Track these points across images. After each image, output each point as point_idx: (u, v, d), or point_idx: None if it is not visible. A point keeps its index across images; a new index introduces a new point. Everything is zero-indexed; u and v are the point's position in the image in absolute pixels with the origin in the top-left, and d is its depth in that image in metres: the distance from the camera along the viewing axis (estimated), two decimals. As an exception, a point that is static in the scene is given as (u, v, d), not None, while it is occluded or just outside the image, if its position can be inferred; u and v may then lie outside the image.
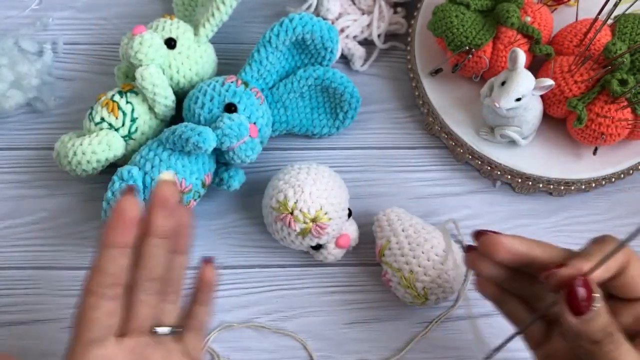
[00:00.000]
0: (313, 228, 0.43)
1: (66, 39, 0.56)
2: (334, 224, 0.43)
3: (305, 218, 0.43)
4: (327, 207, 0.43)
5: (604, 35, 0.48)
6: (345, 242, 0.45)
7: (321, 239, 0.44)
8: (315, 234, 0.43)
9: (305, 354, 0.46)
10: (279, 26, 0.47)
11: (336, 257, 0.46)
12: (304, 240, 0.44)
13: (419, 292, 0.43)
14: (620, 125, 0.46)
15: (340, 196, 0.44)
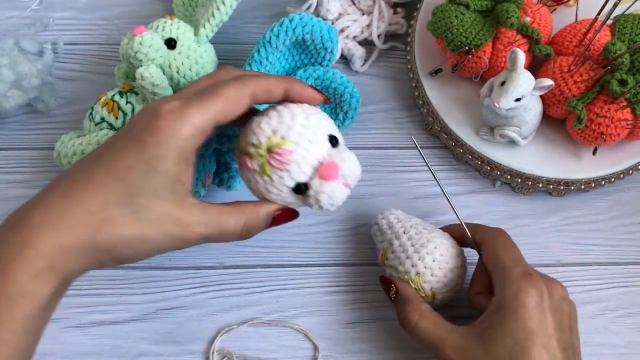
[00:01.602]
0: (270, 158, 0.34)
1: (66, 39, 0.56)
2: (301, 150, 0.34)
3: (257, 150, 0.34)
4: (283, 130, 0.34)
5: (604, 35, 0.48)
6: (332, 171, 0.34)
7: (291, 172, 0.34)
8: (276, 165, 0.34)
9: (307, 353, 0.46)
10: (279, 26, 0.47)
11: (331, 196, 0.35)
12: (275, 183, 0.35)
13: (426, 293, 0.42)
14: (619, 125, 0.46)
15: (311, 119, 0.35)
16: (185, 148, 0.32)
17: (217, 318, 0.46)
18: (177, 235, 0.33)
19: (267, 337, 0.46)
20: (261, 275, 0.48)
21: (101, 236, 0.31)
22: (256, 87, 0.34)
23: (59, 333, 0.46)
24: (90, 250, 0.31)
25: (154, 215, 0.32)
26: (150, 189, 0.32)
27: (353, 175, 0.36)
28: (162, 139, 0.32)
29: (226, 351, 0.45)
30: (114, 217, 0.31)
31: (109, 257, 0.32)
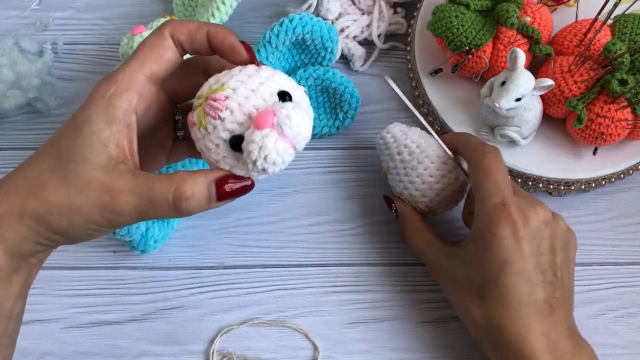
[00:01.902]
0: (206, 107, 0.31)
1: (66, 39, 0.56)
2: (238, 97, 0.31)
3: (198, 100, 0.32)
4: (225, 79, 0.32)
5: (604, 35, 0.48)
6: (265, 118, 0.30)
7: (225, 121, 0.31)
8: (209, 112, 0.31)
9: (307, 353, 0.46)
10: (279, 26, 0.47)
11: (263, 147, 0.30)
12: (211, 135, 0.31)
13: (423, 210, 0.45)
14: (620, 125, 0.46)
15: (261, 73, 0.32)
16: (113, 106, 0.30)
17: (217, 318, 0.46)
18: (105, 204, 0.30)
19: (267, 337, 0.46)
20: (261, 275, 0.48)
21: (31, 202, 0.30)
22: (174, 28, 0.32)
23: (58, 333, 0.46)
24: (24, 217, 0.30)
25: (82, 182, 0.30)
26: (79, 153, 0.30)
27: (294, 128, 0.30)
28: (89, 101, 0.31)
29: (226, 351, 0.45)
30: (45, 183, 0.30)
31: (44, 226, 0.30)
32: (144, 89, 0.31)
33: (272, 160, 0.30)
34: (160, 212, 0.30)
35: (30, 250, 0.31)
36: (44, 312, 0.46)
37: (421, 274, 0.48)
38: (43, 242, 0.31)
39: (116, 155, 0.30)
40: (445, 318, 0.46)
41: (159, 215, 0.31)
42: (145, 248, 0.45)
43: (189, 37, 0.32)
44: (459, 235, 0.49)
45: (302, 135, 0.31)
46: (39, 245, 0.31)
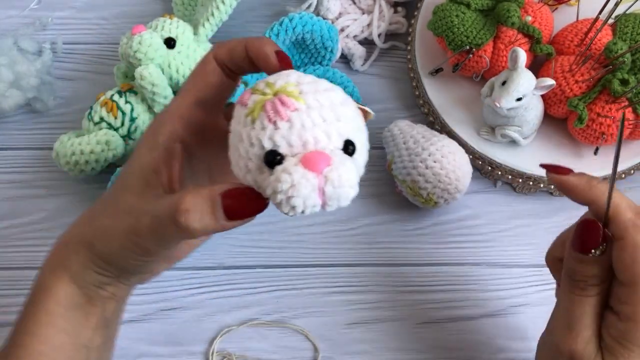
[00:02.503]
0: (269, 103, 0.27)
1: (65, 38, 0.56)
2: (307, 118, 0.26)
3: (266, 88, 0.27)
4: (306, 88, 0.27)
5: (605, 34, 0.47)
6: (318, 161, 0.26)
7: (278, 130, 0.26)
8: (269, 110, 0.26)
9: (307, 354, 0.45)
10: (279, 26, 0.47)
11: (294, 187, 0.26)
12: (253, 133, 0.27)
13: (425, 198, 0.45)
14: (621, 125, 0.45)
15: (345, 108, 0.28)
16: (157, 133, 0.30)
17: (217, 319, 0.46)
18: (130, 227, 0.29)
19: (267, 337, 0.46)
20: (261, 276, 0.48)
21: (84, 228, 0.31)
22: (216, 50, 0.31)
23: (57, 334, 0.45)
24: (81, 243, 0.31)
25: (120, 206, 0.30)
26: (125, 180, 0.31)
27: (336, 191, 0.26)
28: (144, 134, 0.32)
29: (226, 352, 0.45)
30: (96, 211, 0.32)
31: (93, 252, 0.31)
32: (190, 115, 0.31)
33: (294, 205, 0.26)
34: (166, 230, 0.28)
35: (94, 280, 0.32)
36: (43, 313, 0.46)
37: (421, 275, 0.48)
38: (98, 270, 0.31)
39: (152, 180, 0.30)
40: (445, 319, 0.46)
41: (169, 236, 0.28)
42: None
43: (229, 54, 0.31)
44: (460, 236, 0.49)
45: (340, 202, 0.27)
46: (99, 275, 0.32)
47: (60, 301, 0.31)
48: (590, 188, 0.32)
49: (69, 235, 0.32)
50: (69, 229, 0.33)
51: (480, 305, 0.46)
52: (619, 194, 0.31)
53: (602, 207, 0.31)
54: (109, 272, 0.32)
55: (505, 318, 0.46)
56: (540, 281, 0.47)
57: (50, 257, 0.33)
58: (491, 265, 0.48)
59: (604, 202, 0.30)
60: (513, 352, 0.45)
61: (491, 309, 0.46)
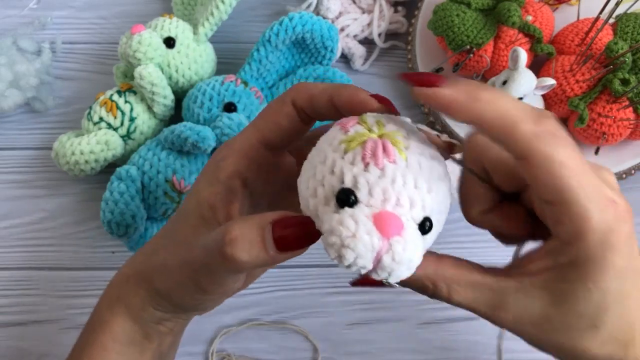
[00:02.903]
0: (371, 141, 0.24)
1: (65, 38, 0.56)
2: (399, 176, 0.24)
3: (375, 125, 0.25)
4: (414, 143, 0.25)
5: (606, 34, 0.47)
6: (391, 225, 0.23)
7: (366, 176, 0.24)
8: (368, 150, 0.24)
9: (307, 354, 0.45)
10: (279, 25, 0.47)
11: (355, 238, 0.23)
12: (338, 164, 0.24)
13: None
14: (622, 125, 0.45)
15: (441, 185, 0.25)
16: (219, 168, 0.29)
17: (216, 319, 0.46)
18: (184, 259, 0.28)
19: (266, 338, 0.46)
20: (261, 276, 0.47)
21: (145, 263, 0.31)
22: (296, 93, 0.29)
23: (56, 334, 0.45)
24: (141, 279, 0.30)
25: (176, 240, 0.29)
26: (182, 213, 0.30)
27: (397, 261, 0.23)
28: (206, 163, 0.31)
29: (225, 353, 0.45)
30: (158, 244, 0.31)
31: (152, 288, 0.30)
32: (255, 154, 0.29)
33: (344, 255, 0.23)
34: (214, 262, 0.26)
35: (152, 317, 0.31)
36: (42, 313, 0.46)
37: (422, 275, 0.48)
38: (157, 307, 0.31)
39: (208, 216, 0.28)
40: (445, 319, 0.46)
41: (218, 269, 0.27)
42: (144, 248, 0.45)
43: (310, 103, 0.28)
44: (460, 236, 0.49)
45: (390, 276, 0.24)
46: (157, 312, 0.31)
47: (117, 337, 0.31)
48: (473, 101, 0.25)
49: (129, 269, 0.32)
50: (129, 262, 0.32)
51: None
52: (505, 99, 0.25)
53: (492, 124, 0.24)
54: (167, 309, 0.31)
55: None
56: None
57: (108, 291, 0.32)
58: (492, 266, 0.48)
59: (493, 117, 0.24)
60: (513, 353, 0.45)
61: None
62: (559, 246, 0.26)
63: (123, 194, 0.43)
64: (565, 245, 0.25)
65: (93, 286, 0.47)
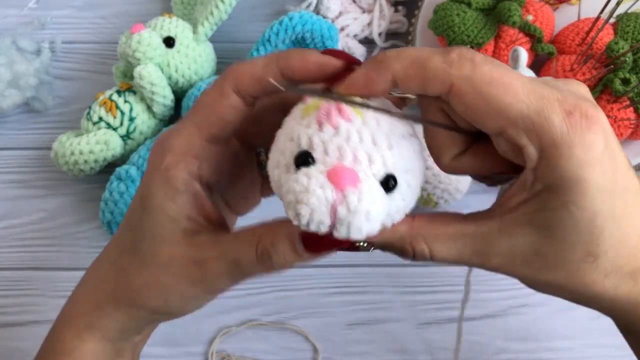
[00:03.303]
0: (326, 104, 0.24)
1: (64, 37, 0.56)
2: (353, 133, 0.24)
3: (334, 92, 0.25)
4: (374, 104, 0.25)
5: (606, 34, 0.47)
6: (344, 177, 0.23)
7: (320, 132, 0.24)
8: (322, 112, 0.24)
9: (306, 355, 0.45)
10: (279, 25, 0.47)
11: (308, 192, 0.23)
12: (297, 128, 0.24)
13: (425, 199, 0.45)
14: (622, 125, 0.45)
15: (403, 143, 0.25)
16: (172, 178, 0.27)
17: (216, 319, 0.46)
18: (195, 277, 0.28)
19: (266, 338, 0.46)
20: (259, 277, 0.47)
21: (119, 288, 0.29)
22: (237, 81, 0.26)
23: (56, 334, 0.45)
24: (117, 303, 0.30)
25: (162, 260, 0.28)
26: (150, 232, 0.28)
27: (352, 210, 0.23)
28: (148, 172, 0.28)
29: (225, 353, 0.45)
30: (126, 267, 0.29)
31: (141, 310, 0.29)
32: (204, 153, 0.28)
33: (300, 212, 0.23)
34: (247, 273, 0.27)
35: (133, 331, 0.31)
36: (41, 314, 0.46)
37: (421, 275, 0.48)
38: (144, 323, 0.31)
39: (191, 227, 0.28)
40: (445, 319, 0.46)
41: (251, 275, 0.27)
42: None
43: (258, 86, 0.26)
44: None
45: (350, 231, 0.23)
46: (143, 325, 0.31)
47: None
48: (380, 66, 0.24)
49: (96, 296, 0.30)
50: (85, 291, 0.31)
51: (480, 306, 0.46)
52: (411, 49, 0.24)
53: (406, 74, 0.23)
54: (156, 320, 0.31)
55: (505, 318, 0.46)
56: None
57: (72, 320, 0.31)
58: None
59: (404, 67, 0.23)
60: (513, 353, 0.45)
61: (491, 309, 0.46)
62: (531, 174, 0.24)
63: (123, 194, 0.43)
64: (535, 171, 0.23)
65: (92, 286, 0.47)
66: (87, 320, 0.30)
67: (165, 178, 0.27)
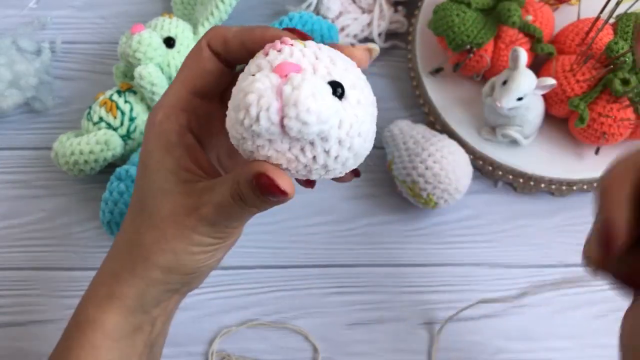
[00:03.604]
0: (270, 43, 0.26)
1: (64, 38, 0.56)
2: (296, 52, 0.25)
3: None
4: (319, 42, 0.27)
5: (606, 34, 0.47)
6: (285, 67, 0.24)
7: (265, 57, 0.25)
8: (267, 47, 0.26)
9: (306, 355, 0.45)
10: (279, 25, 0.47)
11: (255, 93, 0.24)
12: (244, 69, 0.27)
13: (425, 199, 0.45)
14: (622, 125, 0.45)
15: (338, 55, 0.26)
16: (165, 132, 0.29)
17: (216, 319, 0.46)
18: (194, 225, 0.29)
19: (266, 338, 0.46)
20: (261, 276, 0.48)
21: (134, 251, 0.30)
22: (211, 37, 0.29)
23: (56, 334, 0.45)
24: (133, 268, 0.30)
25: (167, 213, 0.29)
26: (153, 187, 0.29)
27: (296, 87, 0.23)
28: (145, 131, 0.30)
29: (225, 353, 0.45)
30: (138, 228, 0.30)
31: (153, 269, 0.30)
32: (192, 105, 0.30)
33: (248, 102, 0.23)
34: (236, 214, 0.28)
35: (152, 301, 0.31)
36: (42, 313, 0.46)
37: (421, 275, 0.48)
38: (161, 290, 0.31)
39: (189, 178, 0.29)
40: (445, 319, 0.46)
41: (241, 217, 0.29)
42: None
43: (225, 46, 0.29)
44: (460, 236, 0.49)
45: (299, 114, 0.23)
46: (161, 294, 0.31)
47: (108, 333, 0.31)
48: None
49: (113, 265, 0.31)
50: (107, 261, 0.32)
51: (481, 306, 0.46)
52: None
53: None
54: (174, 284, 0.31)
55: (505, 318, 0.46)
56: (540, 281, 0.47)
57: (93, 290, 0.32)
58: (491, 266, 0.48)
59: None
60: (513, 353, 0.45)
61: (491, 309, 0.46)
62: None
63: (123, 194, 0.43)
64: None
65: (93, 286, 0.47)
66: (108, 290, 0.31)
67: (159, 132, 0.29)
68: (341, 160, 0.26)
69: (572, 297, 0.47)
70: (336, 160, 0.26)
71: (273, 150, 0.25)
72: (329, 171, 0.26)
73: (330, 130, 0.24)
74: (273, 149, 0.25)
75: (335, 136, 0.25)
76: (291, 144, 0.25)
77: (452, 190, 0.45)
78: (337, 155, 0.25)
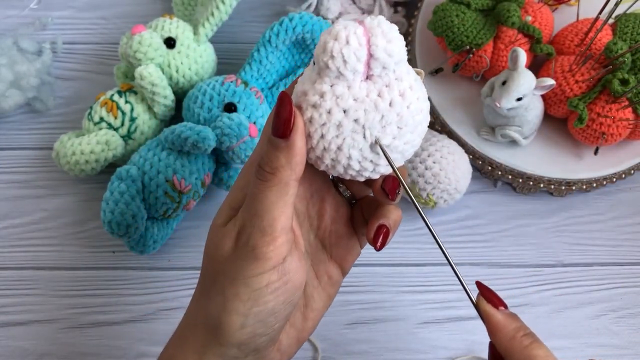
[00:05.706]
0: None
1: (65, 38, 0.56)
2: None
3: None
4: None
5: (605, 34, 0.47)
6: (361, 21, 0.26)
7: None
8: None
9: (307, 354, 0.45)
10: (279, 25, 0.47)
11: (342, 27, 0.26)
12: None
13: (425, 199, 0.46)
14: (621, 125, 0.45)
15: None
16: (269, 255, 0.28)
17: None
18: None
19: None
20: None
21: (211, 319, 0.29)
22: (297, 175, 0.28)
23: (57, 334, 0.45)
24: (210, 340, 0.29)
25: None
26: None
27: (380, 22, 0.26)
28: None
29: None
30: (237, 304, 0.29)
31: (225, 340, 0.28)
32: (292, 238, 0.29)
33: (335, 37, 0.25)
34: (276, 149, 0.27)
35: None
36: (43, 313, 0.46)
37: (421, 275, 0.48)
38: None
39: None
40: (444, 319, 0.46)
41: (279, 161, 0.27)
42: (144, 248, 0.45)
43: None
44: (460, 236, 0.49)
45: (388, 42, 0.25)
46: None
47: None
48: (511, 338, 0.28)
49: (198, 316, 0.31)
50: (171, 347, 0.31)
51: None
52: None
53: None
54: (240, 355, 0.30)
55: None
56: (540, 281, 0.47)
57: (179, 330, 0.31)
58: (491, 265, 0.48)
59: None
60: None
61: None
62: None
63: (123, 194, 0.43)
64: None
65: (93, 286, 0.47)
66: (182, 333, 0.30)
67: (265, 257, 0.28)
68: (412, 112, 0.26)
69: (571, 297, 0.47)
70: (409, 109, 0.26)
71: (352, 99, 0.26)
72: (400, 130, 0.27)
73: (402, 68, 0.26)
74: (352, 98, 0.26)
75: (407, 80, 0.26)
76: (369, 89, 0.26)
77: (451, 190, 0.45)
78: (409, 104, 0.26)
